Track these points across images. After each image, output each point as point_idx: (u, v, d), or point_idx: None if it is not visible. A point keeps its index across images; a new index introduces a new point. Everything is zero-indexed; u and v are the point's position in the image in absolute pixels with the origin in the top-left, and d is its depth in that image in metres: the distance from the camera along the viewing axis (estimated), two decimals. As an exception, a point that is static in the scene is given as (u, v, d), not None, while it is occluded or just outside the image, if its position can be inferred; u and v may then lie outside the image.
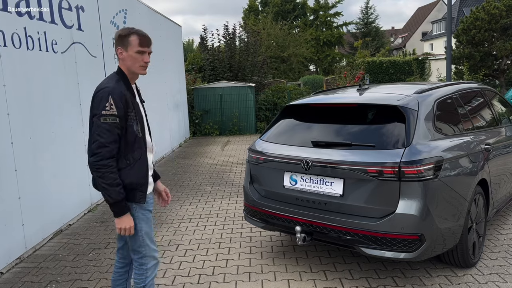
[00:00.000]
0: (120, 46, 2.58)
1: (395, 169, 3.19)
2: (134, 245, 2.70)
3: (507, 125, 4.88)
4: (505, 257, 3.98)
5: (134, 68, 2.61)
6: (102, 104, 2.44)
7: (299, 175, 3.70)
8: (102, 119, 2.43)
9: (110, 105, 2.44)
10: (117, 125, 2.47)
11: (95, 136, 2.45)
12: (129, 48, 2.57)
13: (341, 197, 3.44)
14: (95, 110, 2.47)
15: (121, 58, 2.60)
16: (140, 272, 2.73)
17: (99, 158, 2.42)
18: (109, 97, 2.45)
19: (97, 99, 2.47)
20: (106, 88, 2.49)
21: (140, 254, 2.72)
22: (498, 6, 17.70)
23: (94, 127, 2.46)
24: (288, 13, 40.81)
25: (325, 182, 3.53)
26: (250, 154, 4.14)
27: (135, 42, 2.56)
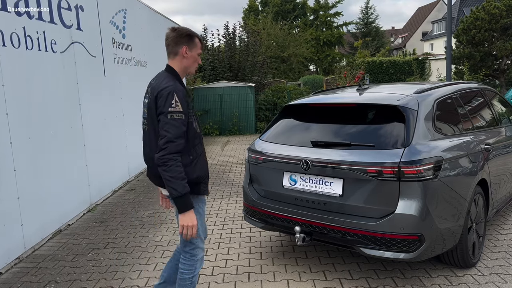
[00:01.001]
0: (186, 44, 2.71)
1: (395, 169, 3.18)
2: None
3: (507, 125, 4.87)
4: (505, 258, 3.98)
5: (192, 68, 2.79)
6: (168, 102, 2.55)
7: (298, 175, 3.69)
8: (169, 116, 2.54)
9: (176, 102, 2.56)
10: (183, 121, 2.58)
11: (162, 132, 2.55)
12: (193, 49, 2.74)
13: (340, 197, 3.43)
14: (161, 108, 2.56)
15: (184, 56, 2.72)
16: (191, 263, 2.82)
17: (166, 152, 2.52)
18: (174, 95, 2.56)
19: (162, 98, 2.57)
20: (169, 86, 2.59)
21: (193, 246, 2.81)
22: (498, 6, 17.69)
23: (161, 124, 2.56)
24: (288, 13, 40.80)
25: (325, 182, 3.53)
26: (250, 154, 4.13)
27: (199, 44, 2.77)
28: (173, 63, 2.75)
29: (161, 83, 2.64)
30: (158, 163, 2.53)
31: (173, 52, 2.73)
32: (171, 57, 2.76)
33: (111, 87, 6.90)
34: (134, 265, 4.13)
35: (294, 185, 3.70)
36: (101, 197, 6.40)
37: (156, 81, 2.72)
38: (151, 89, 2.72)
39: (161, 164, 2.52)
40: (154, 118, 2.64)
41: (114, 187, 6.94)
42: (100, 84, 6.50)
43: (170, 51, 2.75)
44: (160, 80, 2.68)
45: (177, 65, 2.74)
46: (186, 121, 2.60)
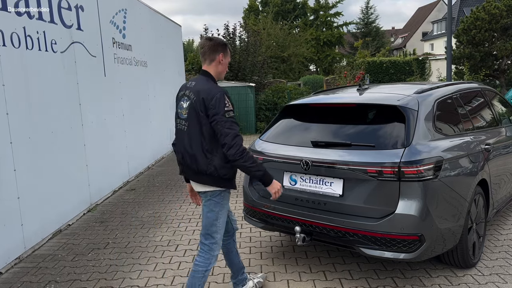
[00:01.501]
0: (223, 52, 3.03)
1: (395, 169, 3.18)
2: (210, 230, 2.99)
3: (507, 125, 4.87)
4: (505, 258, 3.97)
5: (223, 74, 3.08)
6: (222, 102, 2.79)
7: (298, 175, 3.69)
8: (227, 114, 2.79)
9: (228, 102, 2.83)
10: (235, 119, 2.86)
11: (225, 130, 2.76)
12: (227, 57, 3.06)
13: (340, 197, 3.43)
14: (216, 110, 2.78)
15: (221, 63, 3.02)
16: (207, 256, 2.99)
17: (239, 146, 2.77)
18: (225, 96, 2.83)
19: (215, 100, 2.79)
20: (217, 90, 2.85)
21: (213, 240, 2.99)
22: (498, 6, 17.68)
23: (221, 124, 2.77)
24: (288, 13, 40.78)
25: (325, 182, 3.53)
26: None
27: (229, 53, 3.10)
28: (210, 68, 3.00)
29: (208, 88, 2.86)
30: (235, 157, 2.76)
31: (210, 59, 2.99)
32: (207, 63, 3.00)
33: (111, 87, 6.90)
34: (134, 265, 4.14)
35: (295, 185, 3.70)
36: (101, 197, 6.40)
37: (197, 85, 2.92)
38: (193, 92, 2.90)
39: (239, 157, 2.76)
40: (202, 119, 2.83)
41: (114, 187, 6.94)
42: (100, 84, 6.50)
43: (207, 57, 3.00)
44: (203, 84, 2.91)
45: (213, 70, 3.01)
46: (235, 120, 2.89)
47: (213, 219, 2.97)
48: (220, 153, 2.85)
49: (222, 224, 3.01)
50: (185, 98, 2.96)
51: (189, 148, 2.92)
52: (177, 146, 3.07)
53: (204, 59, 3.01)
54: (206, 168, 2.87)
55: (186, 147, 2.95)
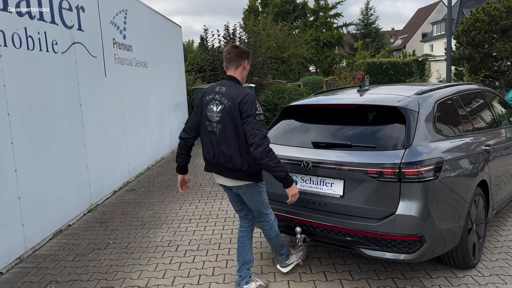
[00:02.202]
0: (248, 59, 3.34)
1: (395, 170, 3.19)
2: (262, 209, 3.43)
3: (507, 126, 4.88)
4: (505, 259, 3.98)
5: (245, 79, 3.36)
6: (254, 106, 3.10)
7: (299, 175, 3.70)
8: (258, 117, 3.09)
9: (258, 106, 3.13)
10: (263, 122, 3.14)
11: (255, 131, 3.04)
12: (249, 64, 3.36)
13: (341, 198, 3.43)
14: (249, 112, 3.07)
15: (246, 69, 3.33)
16: (269, 226, 3.52)
17: (266, 146, 3.04)
18: (256, 101, 3.13)
19: (248, 103, 3.09)
20: (249, 94, 3.14)
21: (267, 215, 3.48)
22: (498, 7, 17.70)
23: (251, 125, 3.06)
24: (288, 14, 40.80)
25: (326, 183, 3.53)
26: None
27: (249, 60, 3.36)
28: (236, 73, 3.30)
29: (240, 92, 3.15)
30: (262, 156, 3.02)
31: (236, 65, 3.28)
32: (233, 68, 3.29)
33: (112, 87, 6.90)
34: (134, 266, 4.14)
35: None
36: (102, 197, 6.41)
37: (229, 90, 3.19)
38: (225, 97, 3.17)
39: (265, 156, 3.02)
40: (236, 120, 3.11)
41: (115, 188, 6.95)
42: (100, 85, 6.51)
43: (234, 63, 3.28)
44: (235, 89, 3.19)
45: (239, 76, 3.31)
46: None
47: (260, 202, 3.38)
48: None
49: (267, 201, 3.45)
50: (216, 102, 3.21)
51: (225, 149, 3.19)
52: (207, 147, 3.33)
53: (231, 65, 3.28)
54: (241, 166, 3.17)
55: (220, 147, 3.21)
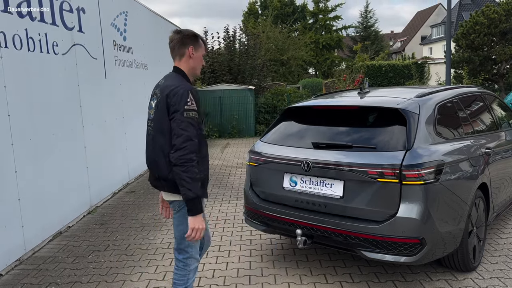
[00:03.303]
0: (192, 45, 2.71)
1: (396, 171, 3.19)
2: (182, 244, 2.72)
3: (507, 129, 4.89)
4: (505, 261, 3.98)
5: (197, 69, 2.78)
6: (183, 100, 2.51)
7: (299, 176, 3.70)
8: (186, 114, 2.49)
9: (191, 100, 2.52)
10: (197, 120, 2.55)
11: (179, 130, 2.47)
12: (199, 50, 2.74)
13: (341, 198, 3.43)
14: (176, 107, 2.50)
15: (191, 57, 2.71)
16: (183, 273, 2.74)
17: (186, 152, 2.45)
18: (189, 94, 2.53)
19: (177, 96, 2.51)
20: (181, 85, 2.57)
21: (187, 255, 2.74)
22: (497, 10, 17.77)
23: (177, 123, 2.48)
24: (288, 17, 40.88)
25: (325, 184, 3.53)
26: (250, 156, 4.13)
27: (203, 45, 2.77)
28: (180, 64, 2.74)
29: (171, 83, 2.60)
30: (177, 163, 2.44)
31: (180, 54, 2.72)
32: (177, 58, 2.74)
33: (112, 89, 6.90)
34: (134, 268, 4.13)
35: (295, 187, 3.70)
36: (101, 199, 6.40)
37: (165, 81, 2.68)
38: (159, 89, 2.66)
39: (180, 164, 2.43)
40: (164, 118, 2.56)
41: (114, 189, 6.94)
42: (101, 86, 6.50)
43: (176, 53, 2.73)
44: (170, 80, 2.66)
45: (184, 66, 2.73)
46: (198, 120, 2.56)
47: (185, 233, 2.60)
48: None
49: None
50: (154, 97, 2.72)
51: (151, 152, 2.68)
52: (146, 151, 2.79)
53: (174, 54, 2.75)
54: (167, 173, 2.56)
55: (149, 150, 2.72)
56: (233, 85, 14.81)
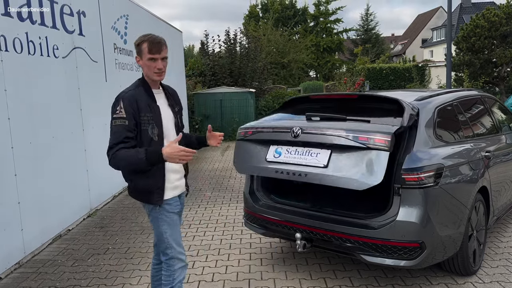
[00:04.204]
0: (137, 54, 2.71)
1: (387, 139, 3.07)
2: (161, 246, 2.76)
3: (507, 132, 4.88)
4: (505, 265, 3.97)
5: (150, 75, 2.70)
6: (114, 108, 2.60)
7: (284, 147, 3.59)
8: (113, 121, 2.57)
9: (120, 108, 2.57)
10: (126, 127, 2.54)
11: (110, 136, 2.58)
12: (142, 56, 2.66)
13: (324, 168, 3.30)
14: (111, 114, 2.61)
15: (142, 64, 2.69)
16: (168, 273, 2.77)
17: (109, 158, 2.55)
18: (120, 101, 2.58)
19: (113, 104, 2.63)
20: (121, 93, 2.65)
21: (168, 256, 2.75)
22: (498, 13, 17.78)
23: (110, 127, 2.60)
24: (289, 20, 40.95)
25: (311, 154, 3.41)
26: (239, 132, 4.00)
27: (146, 50, 2.64)
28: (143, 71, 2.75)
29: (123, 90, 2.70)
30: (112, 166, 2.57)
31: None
32: None
33: (112, 92, 6.82)
34: (134, 271, 4.13)
35: (278, 157, 3.59)
36: (101, 202, 6.40)
37: None
38: None
39: (114, 166, 2.56)
40: None
41: (114, 192, 6.94)
42: (101, 89, 6.51)
43: None
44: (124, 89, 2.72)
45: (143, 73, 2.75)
46: (131, 127, 2.55)
47: (159, 235, 2.73)
48: None
49: (171, 239, 2.72)
50: None
51: None
52: None
53: None
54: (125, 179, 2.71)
55: None
56: (233, 88, 14.82)
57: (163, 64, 2.69)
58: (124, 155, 2.49)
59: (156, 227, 2.74)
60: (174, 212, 2.76)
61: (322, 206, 3.79)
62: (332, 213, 3.61)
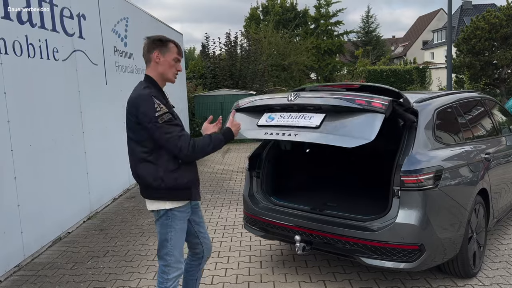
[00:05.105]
0: (159, 50, 2.62)
1: (385, 103, 3.02)
2: (162, 251, 2.71)
3: (507, 134, 4.88)
4: (506, 268, 3.96)
5: (169, 75, 2.68)
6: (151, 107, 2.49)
7: (278, 113, 3.50)
8: (160, 120, 2.49)
9: (159, 105, 2.50)
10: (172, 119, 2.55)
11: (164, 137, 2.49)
12: (168, 54, 2.64)
13: (316, 128, 3.21)
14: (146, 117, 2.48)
15: (159, 63, 2.63)
16: (161, 280, 2.71)
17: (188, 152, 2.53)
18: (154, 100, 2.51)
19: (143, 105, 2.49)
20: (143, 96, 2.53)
21: (166, 262, 2.71)
22: (498, 15, 17.79)
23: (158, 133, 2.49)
24: (289, 22, 40.94)
25: (305, 117, 3.33)
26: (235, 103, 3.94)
27: (174, 49, 2.66)
28: (149, 71, 2.68)
29: (134, 94, 2.59)
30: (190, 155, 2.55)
31: (147, 60, 2.68)
32: (147, 65, 2.70)
33: (113, 95, 6.91)
34: (133, 274, 4.12)
35: (270, 122, 3.50)
36: (101, 204, 6.40)
37: (132, 92, 2.65)
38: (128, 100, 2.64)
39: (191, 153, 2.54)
40: (134, 128, 2.58)
41: (115, 195, 6.94)
42: (101, 92, 6.52)
43: (145, 59, 2.70)
44: (135, 90, 2.64)
45: (152, 72, 2.67)
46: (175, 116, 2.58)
47: (163, 240, 2.68)
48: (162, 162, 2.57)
49: (174, 247, 2.68)
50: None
51: (131, 162, 2.68)
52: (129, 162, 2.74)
53: (145, 62, 2.71)
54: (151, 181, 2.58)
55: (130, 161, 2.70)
56: (234, 90, 14.83)
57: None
58: (205, 141, 2.63)
59: (162, 233, 2.68)
60: (184, 220, 2.73)
61: (321, 208, 3.79)
62: (331, 215, 3.62)
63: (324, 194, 4.37)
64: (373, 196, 4.02)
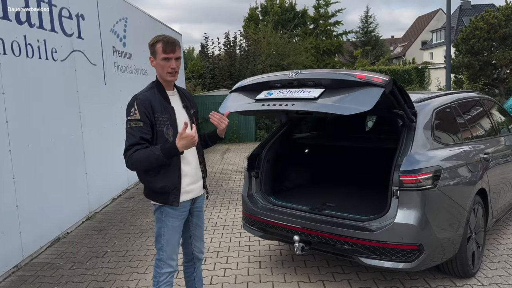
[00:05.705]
0: (151, 55, 2.71)
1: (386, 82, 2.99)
2: (156, 245, 2.79)
3: (506, 134, 4.88)
4: (504, 267, 3.96)
5: (163, 75, 2.70)
6: (129, 110, 2.62)
7: (278, 90, 3.47)
8: (128, 124, 2.60)
9: (134, 110, 2.59)
10: (140, 128, 2.57)
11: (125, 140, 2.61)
12: (157, 56, 2.67)
13: (314, 99, 3.18)
14: (127, 115, 2.63)
15: (155, 64, 2.70)
16: (155, 274, 2.79)
17: (126, 160, 2.59)
18: (135, 104, 2.61)
19: (127, 106, 2.66)
20: (135, 95, 2.68)
21: (159, 256, 2.78)
22: (497, 15, 17.81)
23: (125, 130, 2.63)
24: (288, 22, 40.92)
25: (304, 91, 3.29)
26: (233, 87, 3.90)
27: (160, 49, 2.64)
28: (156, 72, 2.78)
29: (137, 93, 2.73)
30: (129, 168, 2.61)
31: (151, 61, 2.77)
32: None
33: (111, 95, 6.91)
34: (132, 274, 4.12)
35: (269, 96, 3.46)
36: (100, 205, 6.39)
37: None
38: None
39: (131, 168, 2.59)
40: None
41: (113, 195, 6.93)
42: (100, 92, 6.52)
43: None
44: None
45: (157, 74, 2.76)
46: (146, 128, 2.57)
47: (157, 235, 2.76)
48: None
49: (167, 243, 2.72)
50: None
51: None
52: None
53: None
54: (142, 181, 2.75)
55: None
56: (233, 90, 14.80)
57: (177, 64, 2.69)
58: (141, 155, 2.53)
59: (157, 227, 2.76)
60: (177, 218, 2.74)
61: (320, 208, 3.79)
62: (330, 215, 3.62)
63: (323, 194, 4.37)
64: (372, 196, 4.02)
